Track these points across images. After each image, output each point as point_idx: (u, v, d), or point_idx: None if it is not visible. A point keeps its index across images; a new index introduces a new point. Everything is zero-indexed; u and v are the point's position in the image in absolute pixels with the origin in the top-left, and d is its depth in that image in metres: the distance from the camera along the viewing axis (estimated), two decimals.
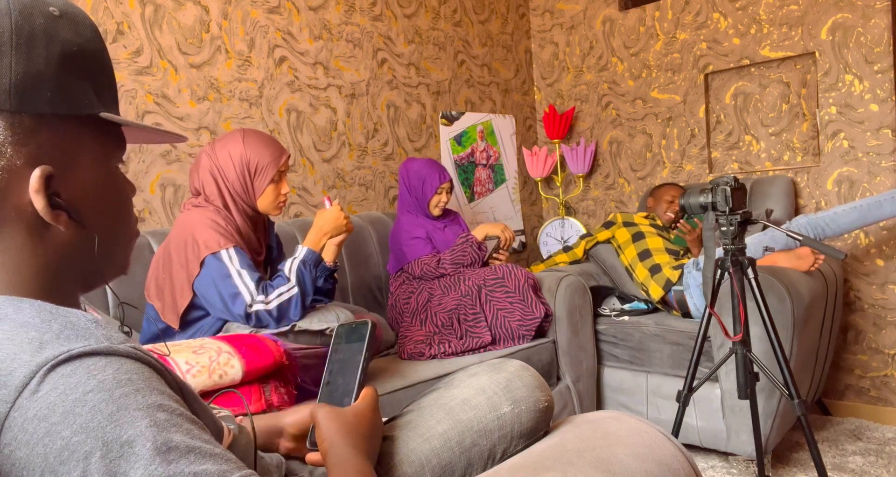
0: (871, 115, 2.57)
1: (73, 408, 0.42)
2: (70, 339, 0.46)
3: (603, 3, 3.31)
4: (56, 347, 0.45)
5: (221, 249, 1.56)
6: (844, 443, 2.38)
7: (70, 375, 0.44)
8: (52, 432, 0.42)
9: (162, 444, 0.43)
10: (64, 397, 0.43)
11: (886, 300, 2.60)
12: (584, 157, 3.30)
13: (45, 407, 0.43)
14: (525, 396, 0.90)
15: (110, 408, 0.43)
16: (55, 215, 0.54)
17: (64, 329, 0.47)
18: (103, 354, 0.45)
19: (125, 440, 0.42)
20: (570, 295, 2.35)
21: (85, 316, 0.49)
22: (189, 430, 0.45)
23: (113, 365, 0.45)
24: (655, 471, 0.82)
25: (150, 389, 0.46)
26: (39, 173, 0.52)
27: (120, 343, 0.47)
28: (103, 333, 0.48)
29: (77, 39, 0.55)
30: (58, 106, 0.53)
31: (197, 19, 2.18)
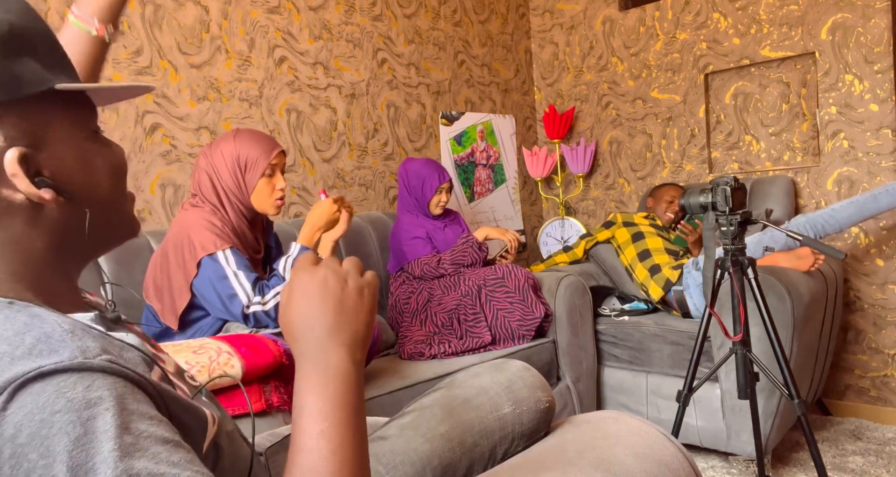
0: (871, 115, 2.58)
1: (39, 430, 0.42)
2: (42, 354, 0.44)
3: (603, 3, 3.31)
4: (26, 364, 0.44)
5: (217, 251, 1.56)
6: (844, 443, 2.38)
7: (39, 394, 0.42)
8: (19, 454, 0.41)
9: (122, 472, 0.42)
10: (31, 417, 0.42)
11: (886, 300, 2.60)
12: (584, 157, 3.30)
13: (12, 427, 0.42)
14: (526, 397, 0.90)
15: (77, 431, 0.42)
16: (42, 194, 0.53)
17: (37, 343, 0.45)
18: (75, 370, 0.44)
19: (90, 467, 0.41)
20: (570, 295, 2.35)
21: (62, 324, 0.47)
22: (156, 453, 0.44)
23: (83, 382, 0.44)
24: (655, 471, 0.82)
25: (119, 409, 0.44)
26: (11, 156, 0.51)
27: (95, 356, 0.46)
28: (78, 345, 0.46)
29: (7, 17, 0.53)
30: (8, 91, 0.51)
31: (197, 19, 2.18)
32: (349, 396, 0.55)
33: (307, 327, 0.57)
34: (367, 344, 0.59)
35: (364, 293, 0.60)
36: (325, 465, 0.51)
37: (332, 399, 0.54)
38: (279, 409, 1.37)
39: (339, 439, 0.52)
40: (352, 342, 0.57)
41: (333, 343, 0.56)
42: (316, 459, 0.51)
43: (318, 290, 0.58)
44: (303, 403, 0.54)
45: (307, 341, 0.56)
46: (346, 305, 0.58)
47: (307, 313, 0.57)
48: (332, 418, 0.53)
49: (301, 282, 0.59)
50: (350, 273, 0.60)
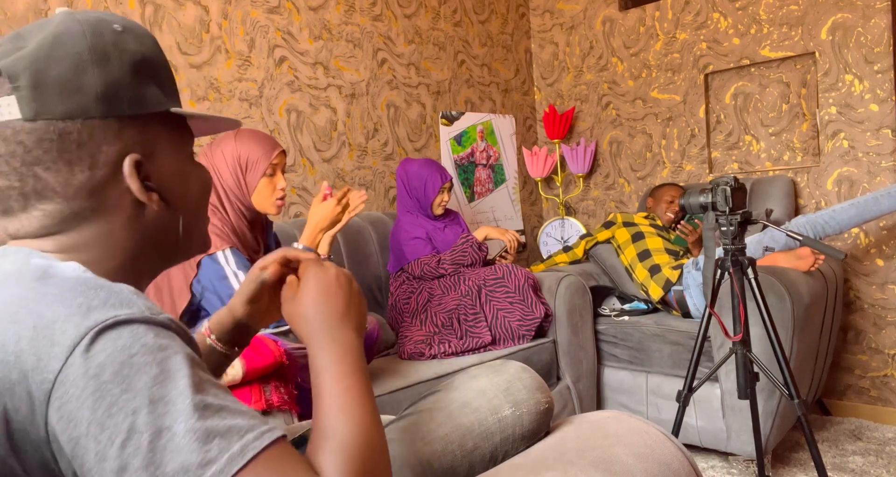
0: (871, 115, 2.58)
1: (121, 369, 0.48)
2: (115, 306, 0.51)
3: (603, 3, 3.31)
4: (103, 313, 0.50)
5: (217, 251, 1.56)
6: (844, 443, 2.38)
7: (117, 339, 0.49)
8: (103, 389, 0.47)
9: (199, 402, 0.49)
10: (113, 359, 0.48)
11: (886, 300, 2.60)
12: (584, 157, 3.30)
13: (96, 366, 0.47)
14: (526, 399, 0.90)
15: (154, 371, 0.49)
16: (148, 196, 0.63)
17: (109, 297, 0.52)
18: (144, 322, 0.51)
19: (168, 399, 0.48)
20: (570, 295, 2.35)
21: (128, 288, 0.54)
22: (217, 392, 0.51)
23: (153, 331, 0.51)
24: (656, 471, 0.82)
25: (184, 355, 0.51)
26: (130, 160, 0.61)
27: (157, 314, 0.53)
28: (144, 303, 0.53)
29: (141, 49, 0.64)
30: (135, 107, 0.62)
31: (197, 19, 2.18)
32: (362, 365, 0.65)
33: (323, 313, 0.67)
34: (364, 327, 0.71)
35: (356, 285, 0.73)
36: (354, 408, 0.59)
37: (350, 366, 0.63)
38: (279, 409, 1.37)
39: (360, 394, 0.61)
40: (358, 327, 0.69)
41: (346, 326, 0.67)
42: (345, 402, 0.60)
43: (333, 284, 0.70)
44: (322, 370, 0.63)
45: (323, 324, 0.67)
46: (353, 297, 0.70)
47: (324, 302, 0.68)
48: (353, 379, 0.62)
49: (317, 276, 0.70)
50: (341, 273, 0.72)
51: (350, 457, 0.55)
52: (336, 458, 0.55)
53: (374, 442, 0.58)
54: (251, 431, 0.49)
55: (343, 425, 0.58)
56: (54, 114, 0.58)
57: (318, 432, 0.58)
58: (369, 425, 0.59)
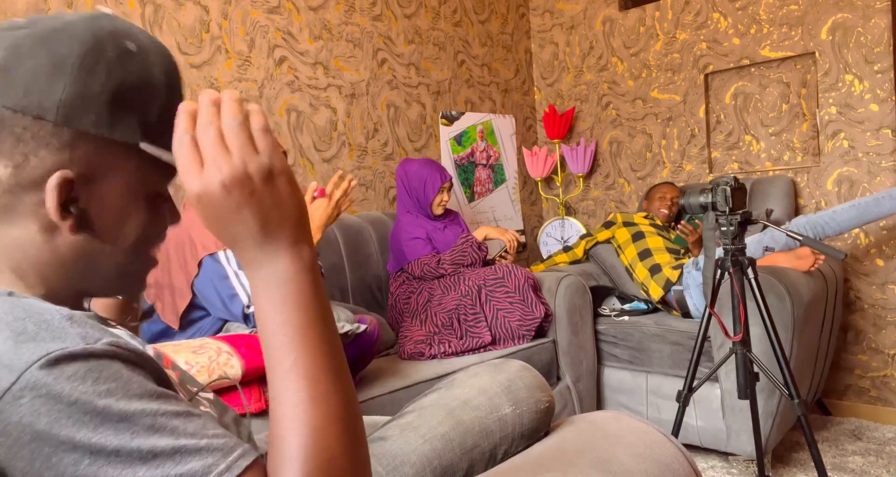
0: (871, 115, 2.58)
1: (58, 419, 0.44)
2: (46, 340, 0.46)
3: (603, 3, 3.31)
4: (34, 351, 0.45)
5: (218, 251, 1.56)
6: (844, 443, 2.38)
7: (52, 383, 0.44)
8: (39, 440, 0.43)
9: (147, 451, 0.44)
10: (49, 407, 0.44)
11: (886, 300, 2.60)
12: (584, 157, 3.30)
13: (29, 414, 0.43)
14: (526, 397, 0.90)
15: (95, 421, 0.44)
16: (62, 216, 0.56)
17: (39, 330, 0.47)
18: (81, 356, 0.46)
19: (111, 450, 0.44)
20: (570, 295, 2.35)
21: (59, 312, 0.49)
22: (173, 428, 0.46)
23: (93, 372, 0.46)
24: (655, 471, 0.82)
25: (130, 395, 0.46)
26: (59, 176, 0.54)
27: (95, 341, 0.47)
28: (78, 331, 0.47)
29: (141, 75, 0.58)
30: (99, 129, 0.56)
31: (197, 19, 2.18)
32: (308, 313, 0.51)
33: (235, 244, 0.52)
34: (307, 228, 0.54)
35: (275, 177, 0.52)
36: (304, 407, 0.49)
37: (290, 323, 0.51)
38: None
39: (312, 371, 0.50)
40: (291, 242, 0.52)
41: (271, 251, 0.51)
42: (293, 400, 0.49)
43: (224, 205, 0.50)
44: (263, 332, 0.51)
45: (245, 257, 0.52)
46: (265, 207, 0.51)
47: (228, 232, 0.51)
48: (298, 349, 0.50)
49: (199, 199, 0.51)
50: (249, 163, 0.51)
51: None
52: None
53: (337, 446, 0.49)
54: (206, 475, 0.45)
55: (298, 438, 0.48)
56: (8, 102, 0.53)
57: (273, 441, 0.50)
58: (329, 424, 0.49)
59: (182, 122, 0.53)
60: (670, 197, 2.80)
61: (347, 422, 0.50)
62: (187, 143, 0.51)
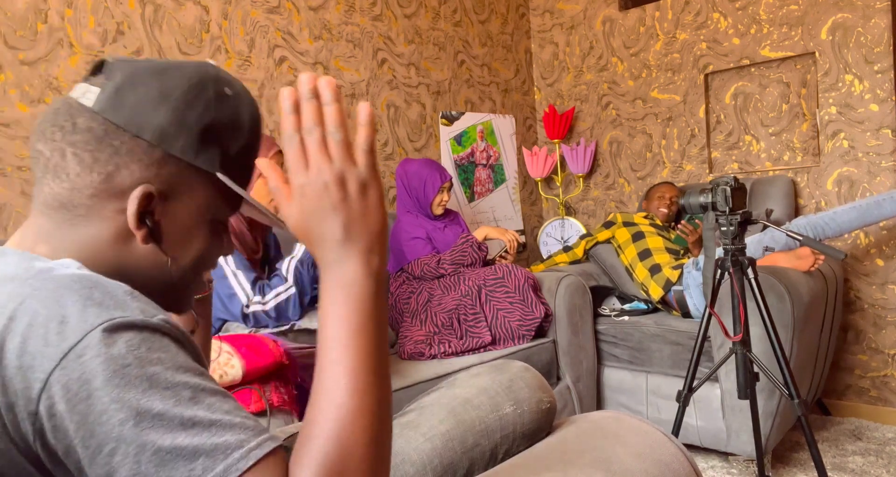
0: (871, 115, 2.58)
1: (112, 377, 0.48)
2: (109, 308, 0.51)
3: (603, 3, 3.31)
4: (99, 315, 0.50)
5: None
6: (844, 443, 2.38)
7: (111, 345, 0.48)
8: (94, 396, 0.47)
9: (189, 418, 0.48)
10: (105, 366, 0.48)
11: (886, 300, 2.60)
12: (584, 157, 3.30)
13: (89, 372, 0.47)
14: (527, 397, 0.90)
15: (144, 384, 0.48)
16: (138, 226, 0.62)
17: (105, 298, 0.51)
18: (138, 326, 0.50)
19: (155, 413, 0.48)
20: (570, 295, 2.35)
21: (122, 287, 0.54)
22: (210, 404, 0.50)
23: (147, 341, 0.50)
24: (656, 471, 0.82)
25: (176, 366, 0.50)
26: (143, 188, 0.62)
27: (152, 316, 0.52)
28: (138, 305, 0.52)
29: (231, 118, 0.66)
30: (186, 154, 0.63)
31: (197, 19, 2.18)
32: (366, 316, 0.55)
33: (319, 241, 0.56)
34: (384, 242, 0.58)
35: (368, 190, 0.57)
36: (338, 394, 0.53)
37: (348, 323, 0.55)
38: (279, 409, 1.37)
39: (354, 367, 0.54)
40: (367, 249, 0.56)
41: (350, 257, 0.56)
42: (332, 387, 0.53)
43: (321, 202, 0.55)
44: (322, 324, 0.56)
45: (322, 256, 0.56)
46: (353, 213, 0.56)
47: (316, 228, 0.56)
48: (349, 346, 0.54)
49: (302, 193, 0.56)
50: (347, 171, 0.56)
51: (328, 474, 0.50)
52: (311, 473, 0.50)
53: (361, 436, 0.52)
54: (238, 448, 0.48)
55: (327, 422, 0.52)
56: (116, 119, 0.61)
57: (305, 424, 0.53)
58: (358, 417, 0.52)
59: (289, 121, 0.56)
60: (669, 196, 2.80)
61: (375, 418, 0.53)
62: (296, 144, 0.56)
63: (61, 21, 1.88)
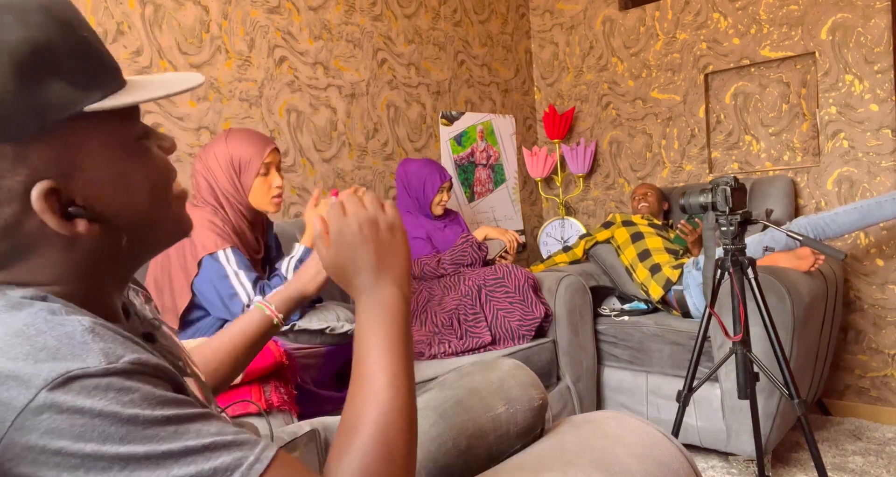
0: (871, 115, 2.57)
1: (82, 433, 0.44)
2: (66, 358, 0.45)
3: (603, 3, 3.31)
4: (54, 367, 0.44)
5: (218, 250, 1.56)
6: (844, 443, 2.38)
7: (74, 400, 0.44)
8: (64, 453, 0.43)
9: (178, 451, 0.46)
10: (71, 423, 0.43)
11: (886, 300, 2.60)
12: (584, 157, 3.30)
13: (51, 430, 0.43)
14: (519, 396, 0.90)
15: (120, 431, 0.44)
16: (72, 226, 0.51)
17: (60, 345, 0.46)
18: (101, 375, 0.45)
19: (142, 456, 0.45)
20: (570, 295, 2.35)
21: (82, 323, 0.48)
22: (198, 430, 0.48)
23: (114, 386, 0.45)
24: (655, 471, 0.82)
25: (153, 404, 0.46)
26: (37, 192, 0.49)
27: (117, 359, 0.46)
28: (101, 347, 0.47)
29: (27, 34, 0.47)
30: (32, 124, 0.48)
31: (197, 19, 2.18)
32: (401, 332, 0.62)
33: (356, 271, 0.64)
34: (409, 275, 0.67)
35: (395, 231, 0.67)
36: (383, 395, 0.57)
37: (390, 336, 0.61)
38: (279, 409, 1.37)
39: (394, 373, 0.59)
40: (399, 277, 0.65)
41: (384, 281, 0.64)
42: (376, 390, 0.58)
43: (356, 238, 0.65)
44: (363, 338, 0.62)
45: (361, 283, 0.64)
46: (384, 246, 0.65)
47: (352, 261, 0.64)
48: (390, 355, 0.60)
49: (340, 233, 0.65)
50: (378, 215, 0.67)
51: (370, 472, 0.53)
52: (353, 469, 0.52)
53: (401, 445, 0.56)
54: (238, 467, 0.47)
55: (367, 426, 0.55)
56: None
57: (344, 425, 0.56)
58: (399, 415, 0.57)
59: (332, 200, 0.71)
60: (640, 193, 2.86)
61: (411, 415, 0.59)
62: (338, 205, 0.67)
63: None
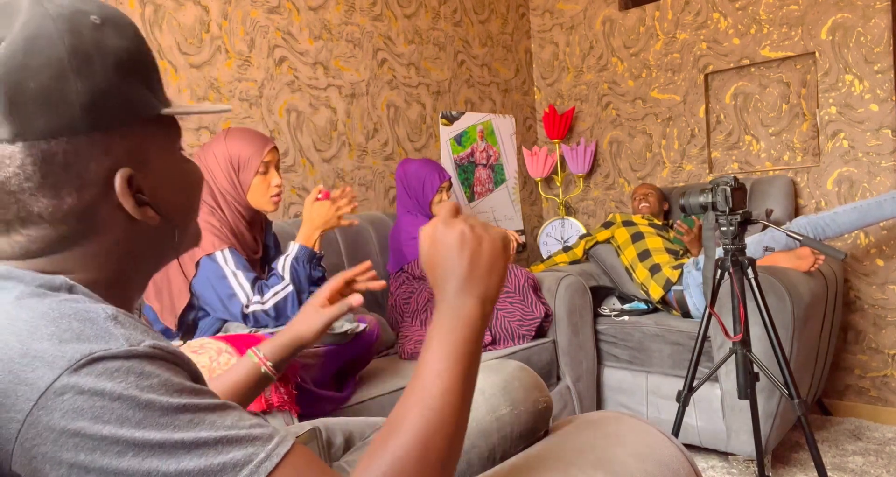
0: (871, 115, 2.57)
1: (101, 415, 0.45)
2: (90, 339, 0.47)
3: (603, 3, 3.31)
4: (78, 348, 0.46)
5: (216, 251, 1.56)
6: (844, 443, 2.38)
7: (95, 382, 0.45)
8: (82, 434, 0.44)
9: (191, 442, 0.46)
10: (91, 404, 0.45)
11: (886, 300, 2.60)
12: (584, 157, 3.30)
13: (72, 411, 0.44)
14: (523, 397, 0.90)
15: (137, 416, 0.45)
16: (143, 212, 0.58)
17: (84, 328, 0.48)
18: (123, 357, 0.47)
19: (156, 443, 0.45)
20: (570, 295, 2.35)
21: (105, 311, 0.50)
22: (213, 422, 0.48)
23: (135, 370, 0.47)
24: (655, 471, 0.82)
25: (171, 391, 0.48)
26: (122, 177, 0.56)
27: (138, 343, 0.48)
28: (123, 332, 0.49)
29: (123, 44, 0.56)
30: (124, 117, 0.56)
31: (197, 19, 2.18)
32: (471, 346, 0.60)
33: (445, 276, 0.62)
34: (496, 299, 0.64)
35: (497, 254, 0.63)
36: (433, 401, 0.56)
37: (456, 346, 0.59)
38: (279, 409, 1.37)
39: (451, 383, 0.57)
40: (484, 295, 0.62)
41: (468, 294, 0.61)
42: (427, 395, 0.56)
43: (456, 242, 0.62)
44: (431, 342, 0.60)
45: (446, 289, 0.62)
46: (482, 259, 0.62)
47: (445, 263, 0.62)
48: (451, 362, 0.58)
49: (442, 233, 0.63)
50: (487, 228, 0.64)
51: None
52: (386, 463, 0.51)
53: (439, 455, 0.54)
54: (248, 464, 0.47)
55: (409, 428, 0.54)
56: (35, 134, 0.51)
57: (387, 423, 0.56)
58: (443, 426, 0.55)
59: None
60: (641, 193, 2.85)
61: (458, 429, 0.57)
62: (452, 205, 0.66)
63: None
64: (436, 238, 0.63)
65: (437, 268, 0.63)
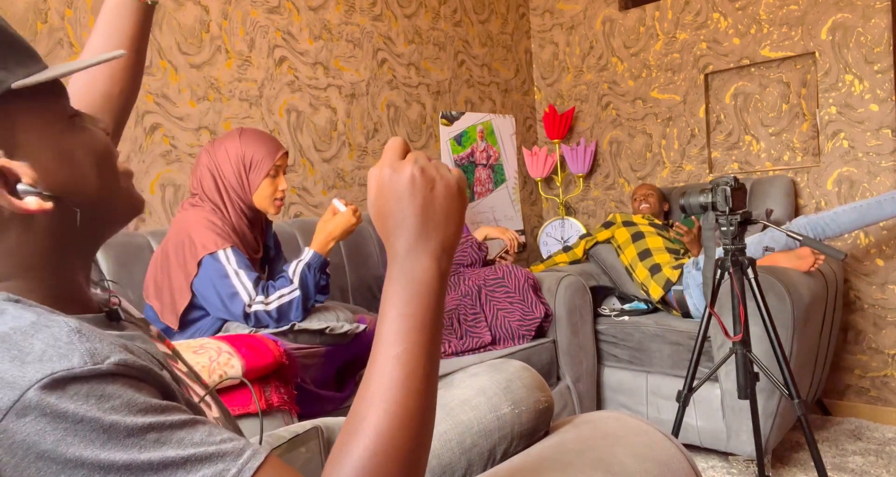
0: (871, 115, 2.57)
1: (64, 438, 0.43)
2: (52, 359, 0.45)
3: (603, 3, 3.31)
4: (39, 369, 0.44)
5: (218, 250, 1.56)
6: (844, 443, 2.38)
7: (56, 403, 0.43)
8: (45, 458, 0.43)
9: (158, 463, 0.44)
10: (54, 426, 0.43)
11: (886, 300, 2.60)
12: (584, 157, 3.30)
13: (34, 433, 0.43)
14: (525, 397, 0.90)
15: (102, 438, 0.44)
16: (24, 204, 0.51)
17: (46, 348, 0.46)
18: (85, 377, 0.45)
19: (122, 465, 0.44)
20: (570, 295, 2.35)
21: (68, 324, 0.48)
22: (180, 439, 0.46)
23: (95, 392, 0.45)
24: (655, 471, 0.82)
25: (136, 410, 0.46)
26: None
27: (102, 360, 0.46)
28: (87, 347, 0.46)
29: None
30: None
31: (197, 19, 2.18)
32: (430, 314, 0.54)
33: (395, 230, 0.55)
34: (454, 249, 0.57)
35: (452, 195, 0.56)
36: (394, 393, 0.51)
37: (413, 319, 0.53)
38: (279, 409, 1.37)
39: (412, 366, 0.52)
40: (439, 250, 0.55)
41: (421, 250, 0.54)
42: (387, 383, 0.51)
43: (406, 188, 0.54)
44: (385, 316, 0.54)
45: (396, 246, 0.55)
46: (435, 206, 0.55)
47: (395, 214, 0.55)
48: (409, 342, 0.52)
49: (389, 178, 0.55)
50: (439, 169, 0.56)
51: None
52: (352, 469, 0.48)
53: (408, 439, 0.49)
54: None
55: (370, 426, 0.49)
56: None
57: (347, 422, 0.51)
58: (409, 420, 0.50)
59: None
60: (642, 194, 2.85)
61: (424, 421, 0.51)
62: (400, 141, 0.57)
63: (61, 21, 1.88)
64: (383, 184, 0.55)
65: (386, 219, 0.55)
